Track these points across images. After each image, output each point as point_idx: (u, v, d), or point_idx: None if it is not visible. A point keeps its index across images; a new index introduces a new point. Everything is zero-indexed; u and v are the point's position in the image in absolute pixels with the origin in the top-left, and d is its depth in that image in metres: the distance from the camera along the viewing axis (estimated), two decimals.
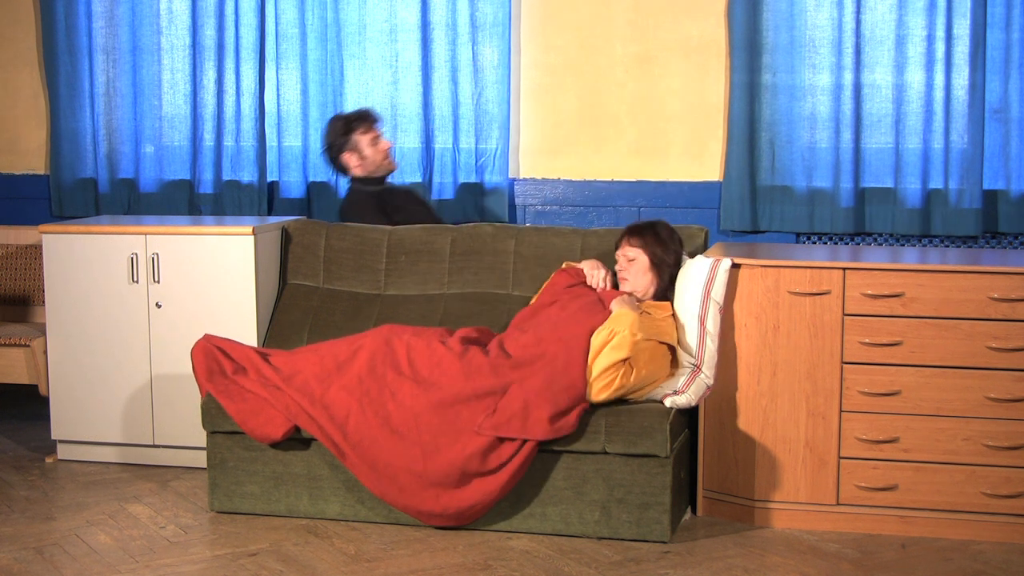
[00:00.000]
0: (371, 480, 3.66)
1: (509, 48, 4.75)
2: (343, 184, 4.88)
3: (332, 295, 4.45)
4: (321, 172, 4.90)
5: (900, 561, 3.57)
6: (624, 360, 3.65)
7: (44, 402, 4.52)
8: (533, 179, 4.87)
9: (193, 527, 3.77)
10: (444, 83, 4.79)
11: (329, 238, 4.51)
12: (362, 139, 4.51)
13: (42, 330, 4.54)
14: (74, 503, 4.00)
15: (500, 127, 4.78)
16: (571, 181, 4.84)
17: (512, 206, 4.87)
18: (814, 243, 4.66)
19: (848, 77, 4.55)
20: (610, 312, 3.80)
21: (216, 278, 4.26)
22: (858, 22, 4.52)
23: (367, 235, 4.52)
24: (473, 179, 4.84)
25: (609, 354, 3.65)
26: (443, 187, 4.85)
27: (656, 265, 3.96)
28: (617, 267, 4.04)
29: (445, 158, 4.84)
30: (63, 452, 4.45)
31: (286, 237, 4.51)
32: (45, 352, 4.39)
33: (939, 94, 4.49)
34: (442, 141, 4.84)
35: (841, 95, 4.56)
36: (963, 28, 4.43)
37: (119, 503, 3.99)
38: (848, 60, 4.54)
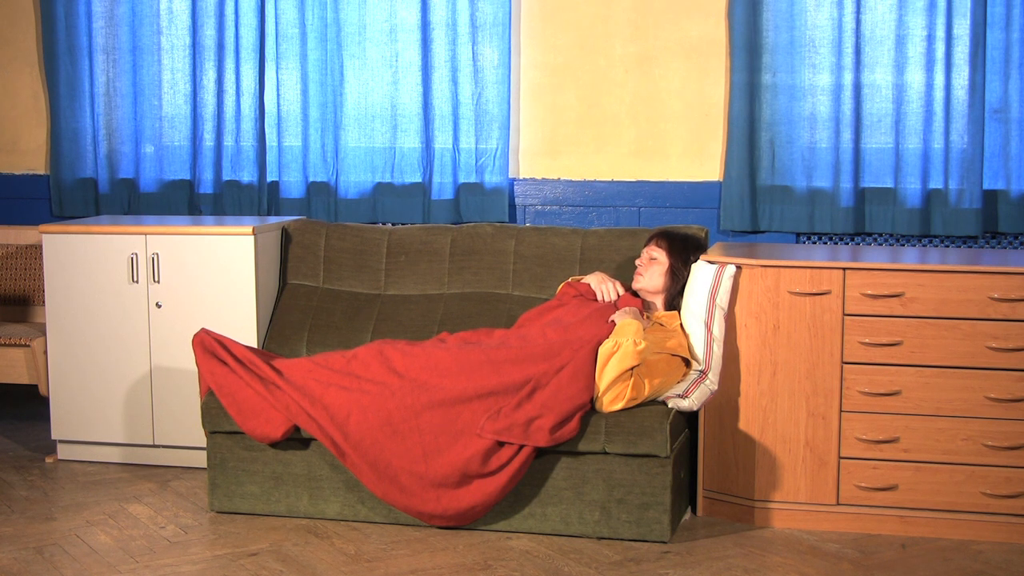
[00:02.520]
0: (372, 480, 3.66)
1: (509, 48, 4.74)
2: (343, 184, 4.87)
3: (332, 295, 4.45)
4: (321, 172, 4.90)
5: (900, 561, 3.57)
6: (631, 369, 3.66)
7: (44, 402, 4.52)
8: (533, 179, 4.87)
9: (193, 527, 3.77)
10: (444, 83, 4.79)
11: (329, 238, 4.52)
12: None
13: (42, 330, 4.54)
14: (74, 503, 4.00)
15: (500, 127, 4.78)
16: (571, 181, 4.83)
17: (512, 206, 4.87)
18: (814, 243, 4.66)
19: (848, 77, 4.54)
20: (614, 323, 3.81)
21: (216, 278, 4.26)
22: (858, 22, 4.51)
23: (367, 235, 4.53)
24: (473, 179, 4.84)
25: (616, 365, 3.65)
26: (443, 187, 4.85)
27: (673, 273, 4.03)
28: (638, 261, 4.13)
29: (445, 158, 4.84)
30: (63, 452, 4.45)
31: (286, 237, 4.51)
32: (45, 352, 4.39)
33: (939, 94, 4.48)
34: (442, 141, 4.83)
35: (841, 95, 4.55)
36: (963, 28, 4.42)
37: (119, 503, 3.99)
38: (848, 60, 4.53)
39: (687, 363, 3.85)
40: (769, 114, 4.60)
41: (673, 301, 4.04)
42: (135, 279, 4.28)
